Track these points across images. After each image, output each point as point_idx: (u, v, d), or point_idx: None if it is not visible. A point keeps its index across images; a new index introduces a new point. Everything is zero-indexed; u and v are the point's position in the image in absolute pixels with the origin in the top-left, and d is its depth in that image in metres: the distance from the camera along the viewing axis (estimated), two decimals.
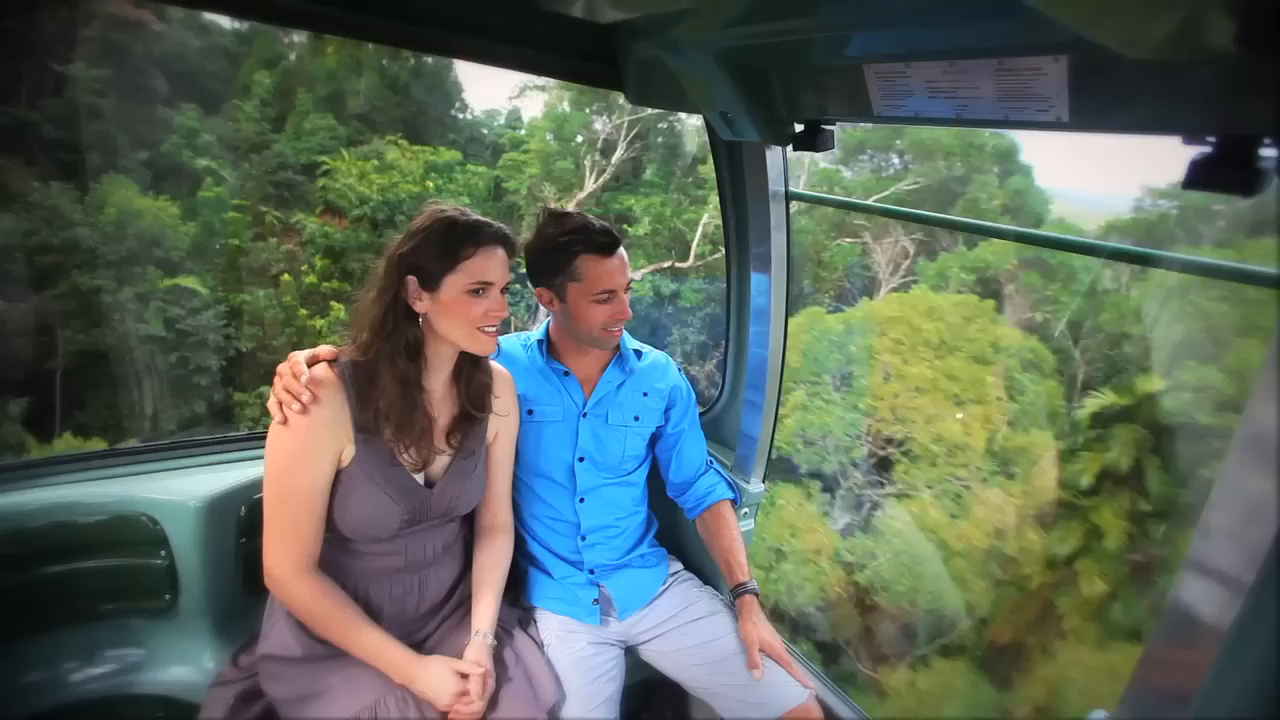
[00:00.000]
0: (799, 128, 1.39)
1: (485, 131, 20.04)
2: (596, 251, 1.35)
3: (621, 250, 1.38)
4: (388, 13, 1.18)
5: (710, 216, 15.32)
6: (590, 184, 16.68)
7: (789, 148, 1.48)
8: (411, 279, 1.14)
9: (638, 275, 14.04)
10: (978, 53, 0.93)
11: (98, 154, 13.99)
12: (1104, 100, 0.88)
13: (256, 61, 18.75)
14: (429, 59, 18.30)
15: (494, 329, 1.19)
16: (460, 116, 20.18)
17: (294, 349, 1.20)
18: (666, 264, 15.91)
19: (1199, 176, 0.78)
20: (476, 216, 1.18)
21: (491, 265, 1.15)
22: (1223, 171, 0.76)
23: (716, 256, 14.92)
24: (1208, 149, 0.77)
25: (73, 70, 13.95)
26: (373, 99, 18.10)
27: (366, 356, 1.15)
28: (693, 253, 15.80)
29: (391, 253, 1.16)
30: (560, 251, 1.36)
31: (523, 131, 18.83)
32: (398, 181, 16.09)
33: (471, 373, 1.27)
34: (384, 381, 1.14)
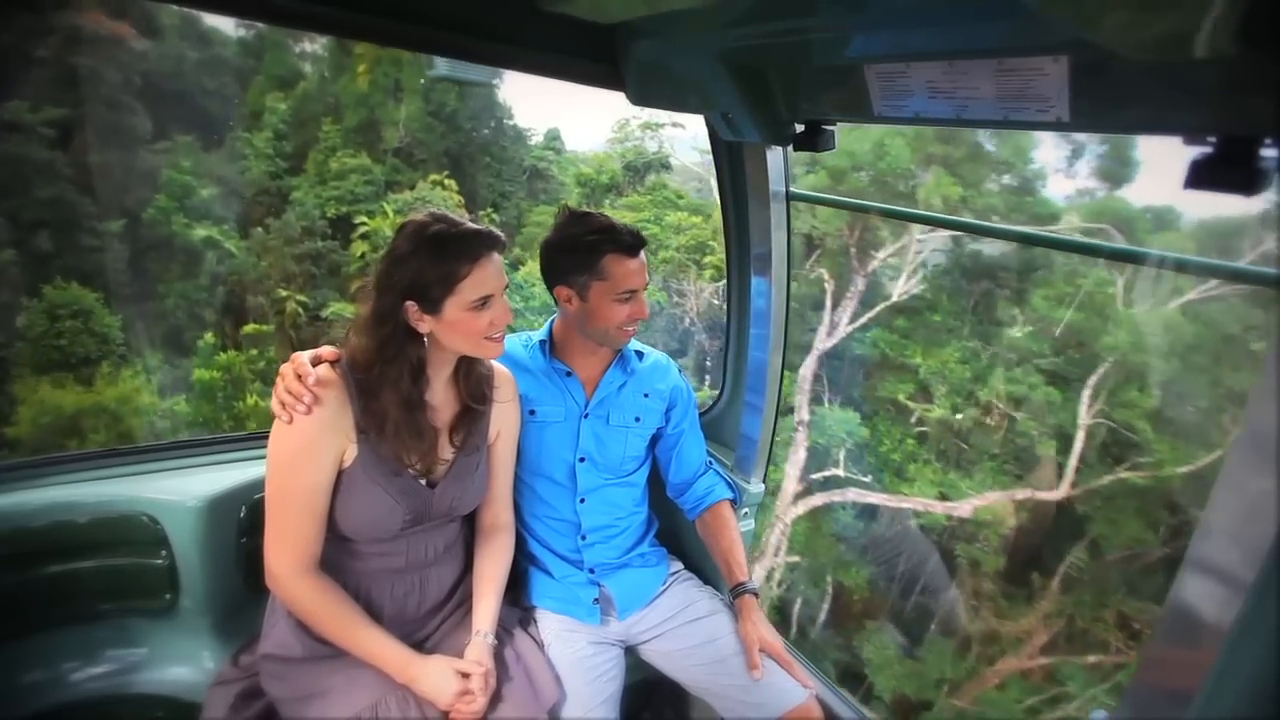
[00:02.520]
0: (799, 128, 1.39)
1: (526, 155, 16.11)
2: (624, 251, 1.36)
3: (643, 252, 1.40)
4: (387, 13, 1.18)
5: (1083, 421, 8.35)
6: (843, 319, 10.05)
7: (789, 148, 1.48)
8: (410, 304, 1.12)
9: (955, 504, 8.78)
10: (978, 53, 0.93)
11: (46, 235, 10.45)
12: (1104, 100, 0.89)
13: (267, 81, 15.02)
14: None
15: (501, 335, 1.18)
16: (507, 146, 16.36)
17: None
18: (1023, 494, 8.46)
19: (1199, 177, 0.78)
20: (463, 225, 1.14)
21: (489, 276, 1.14)
22: (1223, 171, 0.76)
23: (1104, 484, 8.18)
24: (1208, 149, 0.77)
25: (11, 112, 10.50)
26: (414, 129, 14.58)
27: (367, 376, 1.14)
28: (1069, 474, 8.22)
29: (384, 278, 1.13)
30: (587, 250, 1.36)
31: (581, 163, 15.58)
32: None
33: (470, 367, 1.27)
34: (386, 401, 1.13)
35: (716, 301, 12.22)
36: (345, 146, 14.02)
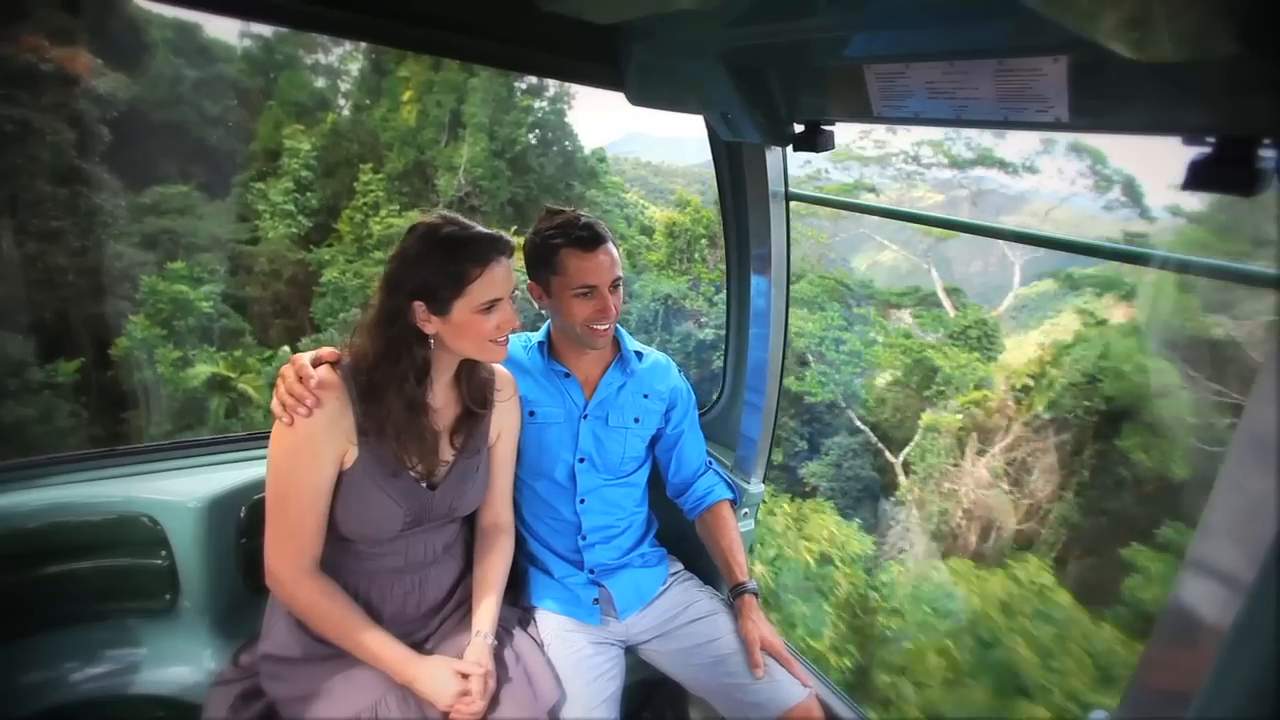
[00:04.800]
0: (799, 128, 1.39)
1: (592, 191, 12.43)
2: (576, 245, 1.36)
3: (609, 247, 1.38)
4: (387, 13, 1.18)
5: None
6: None
7: (789, 148, 1.48)
8: (419, 305, 1.13)
9: None
10: (978, 53, 0.93)
11: None
12: (1104, 101, 0.88)
13: (283, 110, 11.33)
14: (541, 101, 12.46)
15: (506, 338, 1.19)
16: (575, 184, 12.44)
17: None
18: None
19: (1199, 177, 0.78)
20: (473, 229, 1.16)
21: (498, 280, 1.15)
22: (1223, 172, 0.76)
23: None
24: (1208, 149, 0.77)
25: None
26: (476, 175, 11.15)
27: (371, 377, 1.14)
28: None
29: (392, 279, 1.14)
30: (545, 245, 1.38)
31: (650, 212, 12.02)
32: None
33: (471, 371, 1.28)
34: (389, 402, 1.14)
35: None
36: (389, 200, 10.61)
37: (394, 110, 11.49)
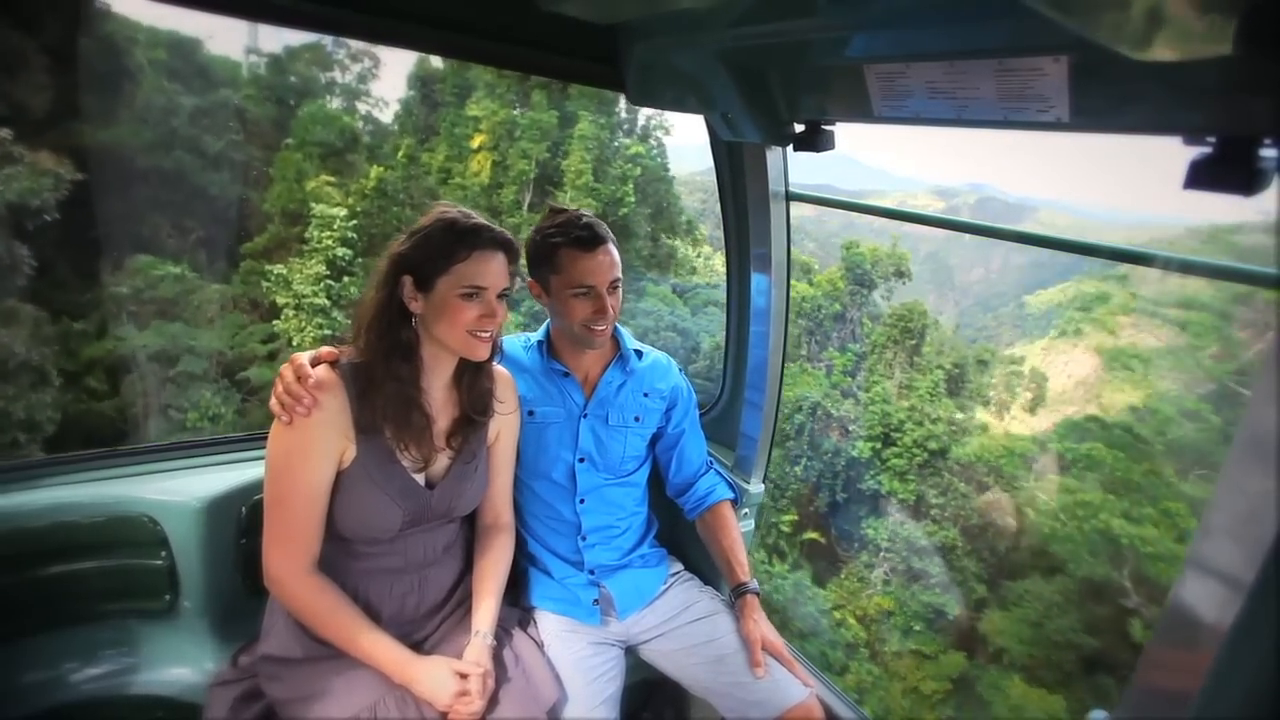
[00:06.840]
0: (799, 128, 1.39)
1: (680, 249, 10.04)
2: (574, 245, 1.35)
3: (608, 248, 1.37)
4: (387, 13, 1.18)
5: None
6: None
7: (789, 148, 1.48)
8: (407, 279, 1.14)
9: None
10: (978, 53, 0.93)
11: None
12: (1104, 100, 0.89)
13: (304, 154, 8.53)
14: (631, 140, 10.74)
15: (487, 334, 1.18)
16: (662, 242, 9.81)
17: None
18: None
19: (1199, 176, 0.78)
20: (478, 220, 1.18)
21: (486, 269, 1.15)
22: (1223, 171, 0.76)
23: None
24: (1208, 149, 0.77)
25: None
26: None
27: (365, 357, 1.15)
28: None
29: (392, 255, 1.16)
30: (544, 244, 1.38)
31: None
32: None
33: (474, 378, 1.27)
34: (380, 380, 1.14)
35: None
36: None
37: (457, 158, 8.97)
